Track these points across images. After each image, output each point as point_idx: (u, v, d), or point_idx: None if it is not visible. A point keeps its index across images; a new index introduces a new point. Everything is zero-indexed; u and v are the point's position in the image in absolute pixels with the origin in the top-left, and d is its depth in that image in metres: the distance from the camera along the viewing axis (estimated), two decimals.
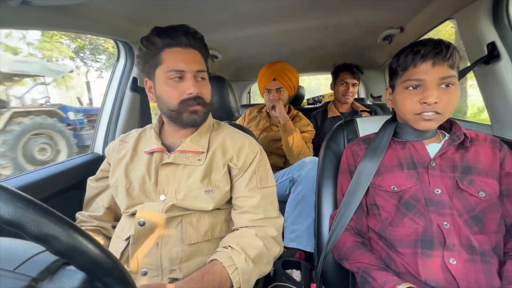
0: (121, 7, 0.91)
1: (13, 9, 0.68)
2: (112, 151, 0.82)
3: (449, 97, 0.66)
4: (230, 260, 0.64)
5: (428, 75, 0.66)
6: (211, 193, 0.72)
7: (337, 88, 1.84)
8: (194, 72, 0.74)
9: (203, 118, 0.78)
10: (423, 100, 0.67)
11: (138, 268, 0.68)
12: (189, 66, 0.73)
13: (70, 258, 0.28)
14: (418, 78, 0.68)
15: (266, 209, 0.75)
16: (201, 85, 0.76)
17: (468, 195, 0.65)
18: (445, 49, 0.65)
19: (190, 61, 0.73)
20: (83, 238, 0.28)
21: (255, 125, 1.65)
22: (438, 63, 0.65)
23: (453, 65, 0.66)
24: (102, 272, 0.29)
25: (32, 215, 0.26)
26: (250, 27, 1.29)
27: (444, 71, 0.65)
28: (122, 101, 1.23)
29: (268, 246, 0.71)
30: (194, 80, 0.74)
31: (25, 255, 0.30)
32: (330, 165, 0.91)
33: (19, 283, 0.27)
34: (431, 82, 0.66)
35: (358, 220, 0.77)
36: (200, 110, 0.75)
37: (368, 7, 1.12)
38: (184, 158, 0.75)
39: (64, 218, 0.28)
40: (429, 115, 0.67)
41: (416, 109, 0.69)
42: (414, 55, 0.68)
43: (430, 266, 0.63)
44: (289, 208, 1.30)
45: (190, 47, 0.75)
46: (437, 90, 0.66)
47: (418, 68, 0.68)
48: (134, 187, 0.74)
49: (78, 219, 0.80)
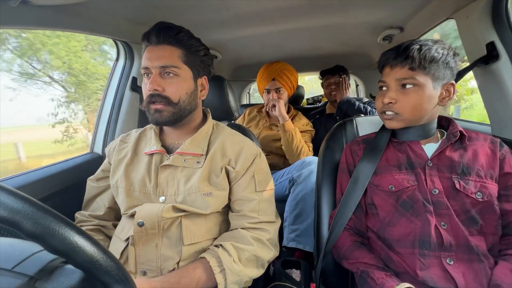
0: (121, 7, 0.91)
1: (12, 8, 0.68)
2: (113, 151, 0.82)
3: (405, 98, 0.70)
4: (217, 261, 0.65)
5: (388, 77, 0.73)
6: (209, 197, 0.71)
7: (325, 91, 1.90)
8: (158, 68, 0.70)
9: (170, 119, 0.72)
10: (382, 100, 0.73)
11: (137, 269, 0.68)
12: (152, 63, 0.70)
13: (67, 256, 0.28)
14: (382, 79, 0.75)
15: (263, 212, 0.75)
16: (167, 82, 0.71)
17: (464, 196, 0.65)
18: (402, 53, 0.68)
19: (155, 57, 0.71)
20: (79, 236, 0.28)
21: (254, 125, 1.65)
22: (395, 66, 0.71)
23: (414, 67, 0.67)
24: (99, 270, 0.29)
25: (27, 213, 0.26)
26: (249, 27, 1.29)
27: (401, 74, 0.69)
28: (121, 100, 1.23)
29: (261, 250, 0.71)
30: (157, 77, 0.70)
31: (23, 254, 0.30)
32: (329, 165, 0.91)
33: (17, 282, 0.27)
34: (389, 84, 0.72)
35: (357, 220, 0.77)
36: (164, 110, 0.71)
37: (368, 7, 1.12)
38: (183, 161, 0.74)
39: (60, 215, 0.28)
40: (388, 114, 0.74)
41: (380, 108, 0.76)
42: (382, 59, 0.75)
43: (428, 266, 0.63)
44: (289, 208, 1.30)
45: (160, 44, 0.72)
46: (394, 91, 0.71)
47: (383, 71, 0.75)
48: (134, 188, 0.74)
49: (77, 218, 0.80)
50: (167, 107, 0.71)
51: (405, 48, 0.68)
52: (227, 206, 0.78)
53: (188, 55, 0.74)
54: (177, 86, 0.72)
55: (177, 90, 0.72)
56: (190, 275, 0.63)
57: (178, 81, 0.72)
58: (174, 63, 0.71)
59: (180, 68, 0.72)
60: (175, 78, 0.72)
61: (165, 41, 0.71)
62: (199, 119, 0.83)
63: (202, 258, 0.66)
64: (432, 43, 0.68)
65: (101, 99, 1.27)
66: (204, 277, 0.63)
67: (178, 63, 0.72)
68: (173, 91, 0.72)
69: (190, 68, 0.75)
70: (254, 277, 0.71)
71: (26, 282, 0.28)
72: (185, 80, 0.74)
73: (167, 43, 0.72)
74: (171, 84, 0.72)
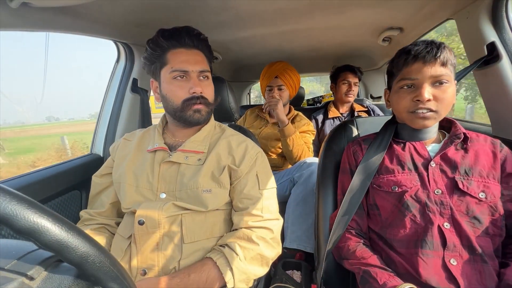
0: (121, 8, 0.91)
1: (13, 10, 0.68)
2: (117, 148, 0.85)
3: (442, 95, 0.67)
4: (225, 260, 0.66)
5: (420, 73, 0.68)
6: (208, 193, 0.72)
7: (339, 88, 1.84)
8: (197, 72, 0.76)
9: (206, 117, 0.79)
10: (416, 98, 0.68)
11: (138, 267, 0.68)
12: (192, 66, 0.75)
13: (59, 253, 0.27)
14: (411, 77, 0.69)
15: (266, 211, 0.75)
16: (205, 85, 0.78)
17: (468, 196, 0.65)
18: (435, 48, 0.66)
19: (194, 61, 0.75)
20: (71, 231, 0.28)
21: (256, 125, 1.65)
22: (429, 61, 0.67)
23: (445, 63, 0.66)
24: (93, 267, 0.29)
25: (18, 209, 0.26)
26: (250, 28, 1.29)
27: (436, 70, 0.66)
28: (122, 102, 1.23)
29: (266, 248, 0.72)
30: (197, 80, 0.76)
31: (18, 253, 0.30)
32: (330, 165, 0.91)
33: (11, 281, 0.27)
34: (423, 80, 0.68)
35: (359, 220, 0.77)
36: (203, 109, 0.77)
37: (368, 8, 1.12)
38: (185, 158, 0.76)
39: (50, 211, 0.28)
40: (424, 112, 0.68)
41: (410, 107, 0.70)
42: (406, 55, 0.70)
43: (431, 267, 0.62)
44: (290, 209, 1.30)
45: (193, 48, 0.77)
46: (430, 88, 0.67)
47: (410, 68, 0.69)
48: (136, 184, 0.75)
49: (82, 217, 0.81)
50: (205, 107, 0.78)
51: (437, 44, 0.67)
52: (228, 205, 0.78)
53: (209, 59, 0.82)
54: (211, 88, 0.81)
55: (212, 92, 0.81)
56: (198, 271, 0.64)
57: (210, 83, 0.81)
58: (207, 67, 0.79)
59: (210, 72, 0.81)
60: (208, 81, 0.80)
61: (198, 46, 0.78)
62: None
63: (208, 258, 0.67)
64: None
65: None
66: (213, 274, 0.64)
67: (209, 68, 0.80)
68: (209, 93, 0.79)
69: (211, 71, 0.82)
70: (259, 275, 0.72)
71: (21, 280, 0.28)
72: (212, 82, 0.82)
73: (199, 48, 0.78)
74: (208, 87, 0.79)
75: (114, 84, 1.24)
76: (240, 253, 0.68)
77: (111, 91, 1.24)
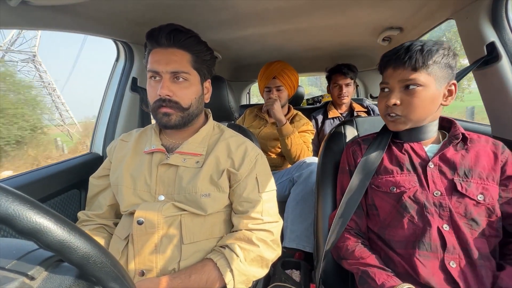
0: (121, 7, 0.91)
1: (12, 9, 0.68)
2: (114, 149, 0.83)
3: (410, 99, 0.68)
4: (225, 261, 0.66)
5: (391, 78, 0.71)
6: (207, 198, 0.71)
7: (332, 91, 1.86)
8: (169, 73, 0.70)
9: (179, 123, 0.73)
10: (386, 102, 0.72)
11: (136, 267, 0.68)
12: (163, 67, 0.69)
13: (61, 253, 0.28)
14: (384, 81, 0.73)
15: (266, 213, 0.75)
16: (179, 87, 0.71)
17: (466, 198, 0.65)
18: (405, 54, 0.67)
19: (166, 61, 0.70)
20: (73, 232, 0.28)
21: (255, 125, 1.65)
22: (398, 67, 0.69)
23: (417, 67, 0.66)
24: (94, 268, 0.29)
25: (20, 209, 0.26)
26: (249, 27, 1.29)
27: (404, 75, 0.68)
28: (121, 101, 1.22)
29: (266, 250, 0.72)
30: (168, 81, 0.70)
31: (19, 253, 0.30)
32: (329, 165, 0.91)
33: (12, 280, 0.27)
34: (393, 85, 0.71)
35: (358, 221, 0.77)
36: (173, 114, 0.71)
37: (368, 8, 1.12)
38: (183, 160, 0.74)
39: (52, 211, 0.28)
40: (392, 116, 0.72)
41: (384, 110, 0.74)
42: (383, 61, 0.73)
43: (430, 268, 0.62)
44: (289, 208, 1.30)
45: (170, 47, 0.71)
46: (399, 93, 0.70)
47: (385, 73, 0.73)
48: (134, 186, 0.74)
49: (79, 218, 0.80)
50: (176, 112, 0.72)
51: (407, 48, 0.67)
52: (228, 207, 0.78)
53: (197, 60, 0.74)
54: (187, 91, 0.73)
55: (188, 95, 0.73)
56: (199, 272, 0.64)
57: (188, 86, 0.73)
58: (185, 68, 0.71)
59: (190, 74, 0.72)
60: (185, 83, 0.72)
61: (175, 44, 0.71)
62: (201, 120, 0.84)
63: (209, 259, 0.67)
64: (432, 43, 0.68)
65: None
66: (213, 275, 0.64)
67: (188, 69, 0.72)
68: (184, 96, 0.72)
69: (198, 72, 0.75)
70: (259, 277, 0.72)
71: (22, 280, 0.28)
72: (194, 85, 0.74)
73: (177, 46, 0.71)
74: (182, 90, 0.72)
75: (114, 83, 1.24)
76: (241, 255, 0.67)
77: (110, 90, 1.24)
